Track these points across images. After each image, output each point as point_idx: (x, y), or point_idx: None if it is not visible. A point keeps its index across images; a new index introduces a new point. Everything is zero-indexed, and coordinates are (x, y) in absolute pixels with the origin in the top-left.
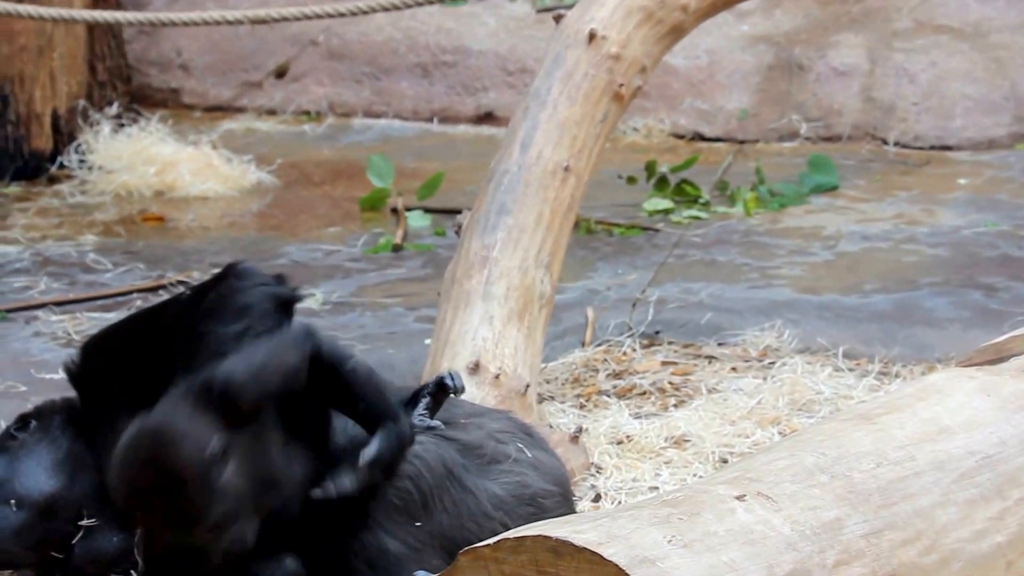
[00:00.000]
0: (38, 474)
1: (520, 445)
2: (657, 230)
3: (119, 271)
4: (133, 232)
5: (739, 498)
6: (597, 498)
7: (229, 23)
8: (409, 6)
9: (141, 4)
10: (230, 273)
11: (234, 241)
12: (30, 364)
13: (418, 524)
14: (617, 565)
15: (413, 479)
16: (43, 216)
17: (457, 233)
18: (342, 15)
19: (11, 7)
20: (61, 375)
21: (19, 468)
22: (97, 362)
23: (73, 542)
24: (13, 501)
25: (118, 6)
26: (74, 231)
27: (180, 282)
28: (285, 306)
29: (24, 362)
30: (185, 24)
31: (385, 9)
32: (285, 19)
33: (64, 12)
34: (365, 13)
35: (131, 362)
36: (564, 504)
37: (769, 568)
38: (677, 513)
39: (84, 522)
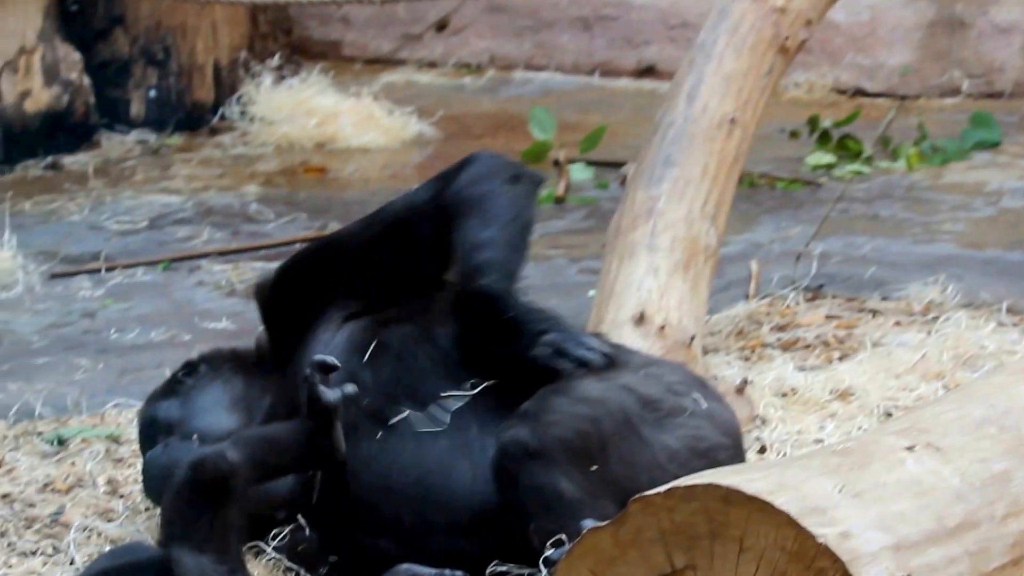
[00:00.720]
0: (217, 411)
1: (696, 397)
2: (820, 184)
3: (281, 221)
4: (295, 183)
5: (909, 449)
6: (762, 450)
7: (359, 2)
8: None
9: None
10: (474, 157)
11: (396, 192)
12: (193, 314)
13: (594, 468)
14: (788, 514)
15: (594, 422)
16: (205, 166)
17: (621, 185)
18: None
19: None
20: (225, 325)
21: (196, 406)
22: (290, 286)
23: None
24: (195, 436)
25: None
26: (236, 182)
27: None
28: (535, 188)
29: (187, 312)
30: (312, 3)
31: None
32: None
33: None
34: None
35: (331, 281)
36: (737, 457)
37: (939, 519)
38: (847, 463)
39: None
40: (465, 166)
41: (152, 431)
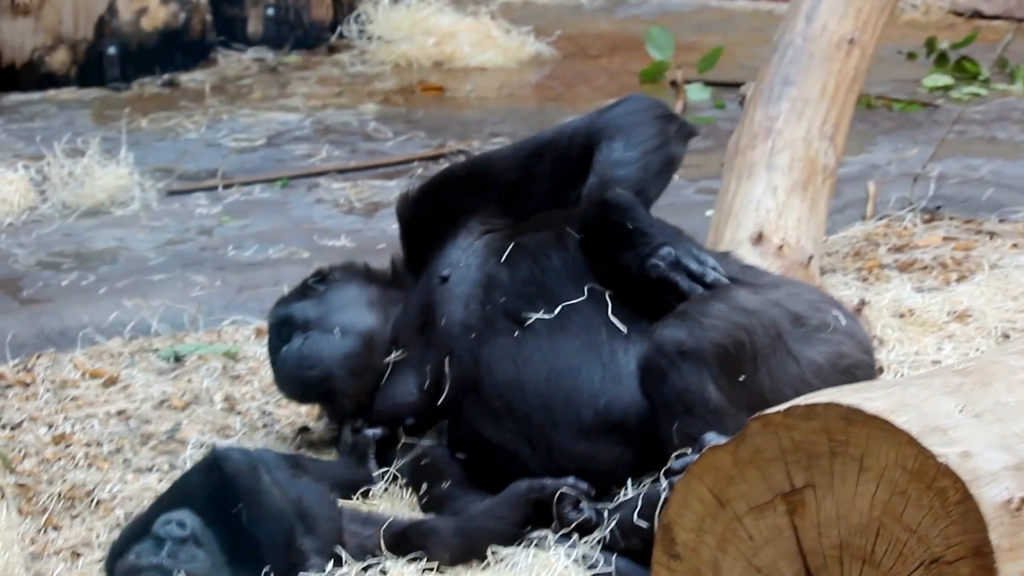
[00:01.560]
0: (356, 308)
1: (836, 314)
2: (937, 106)
3: (400, 140)
4: (413, 101)
5: None
6: (880, 370)
7: None
8: None
9: None
10: (632, 96)
11: (513, 112)
12: (312, 231)
13: (742, 379)
14: (908, 433)
15: (749, 332)
16: (323, 85)
17: (740, 104)
18: None
19: None
20: (344, 242)
21: (334, 303)
22: (435, 197)
23: (382, 383)
24: (337, 329)
25: None
26: (354, 100)
27: (461, 151)
28: (686, 135)
29: (306, 229)
30: None
31: None
32: None
33: None
34: None
35: (476, 196)
36: (873, 376)
37: None
38: (968, 383)
39: (391, 357)
40: (622, 102)
41: (286, 328)
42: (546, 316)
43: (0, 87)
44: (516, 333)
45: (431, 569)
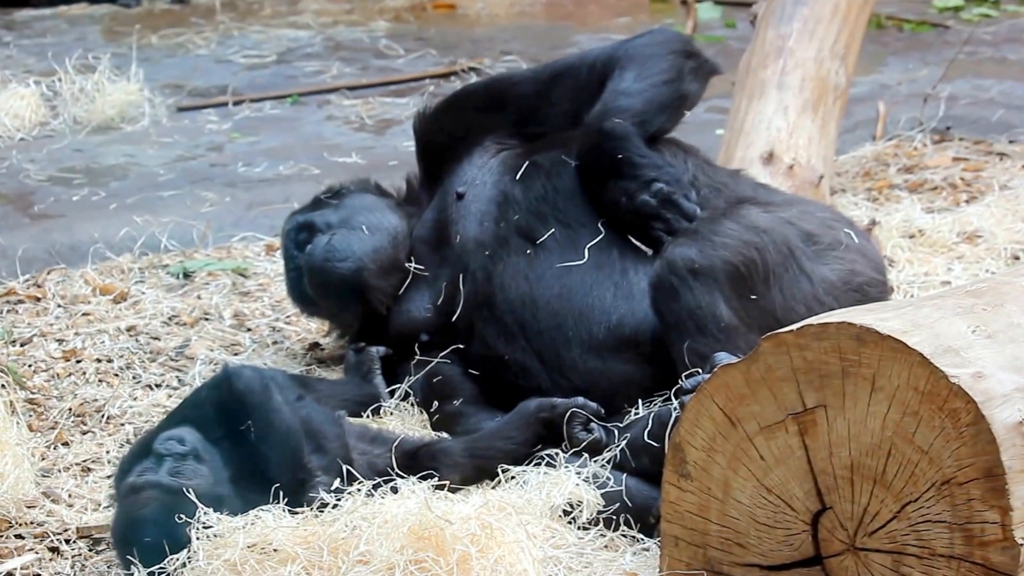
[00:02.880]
0: (378, 211)
1: (848, 231)
2: (947, 27)
3: (411, 57)
4: (424, 19)
5: None
6: (890, 291)
7: None
8: None
9: None
10: (658, 29)
11: (524, 29)
12: (322, 148)
13: (754, 297)
14: (921, 354)
15: (760, 251)
16: (334, 1)
17: (752, 23)
18: None
19: None
20: (354, 159)
21: (355, 207)
22: (452, 115)
23: (400, 292)
24: (364, 226)
25: None
26: (365, 17)
27: (472, 68)
28: (705, 73)
29: (316, 146)
30: None
31: None
32: None
33: None
34: None
35: (493, 114)
36: (885, 294)
37: None
38: (981, 304)
39: (411, 265)
40: (646, 33)
41: (305, 233)
42: (554, 233)
43: (12, 3)
44: (529, 251)
45: (442, 488)
